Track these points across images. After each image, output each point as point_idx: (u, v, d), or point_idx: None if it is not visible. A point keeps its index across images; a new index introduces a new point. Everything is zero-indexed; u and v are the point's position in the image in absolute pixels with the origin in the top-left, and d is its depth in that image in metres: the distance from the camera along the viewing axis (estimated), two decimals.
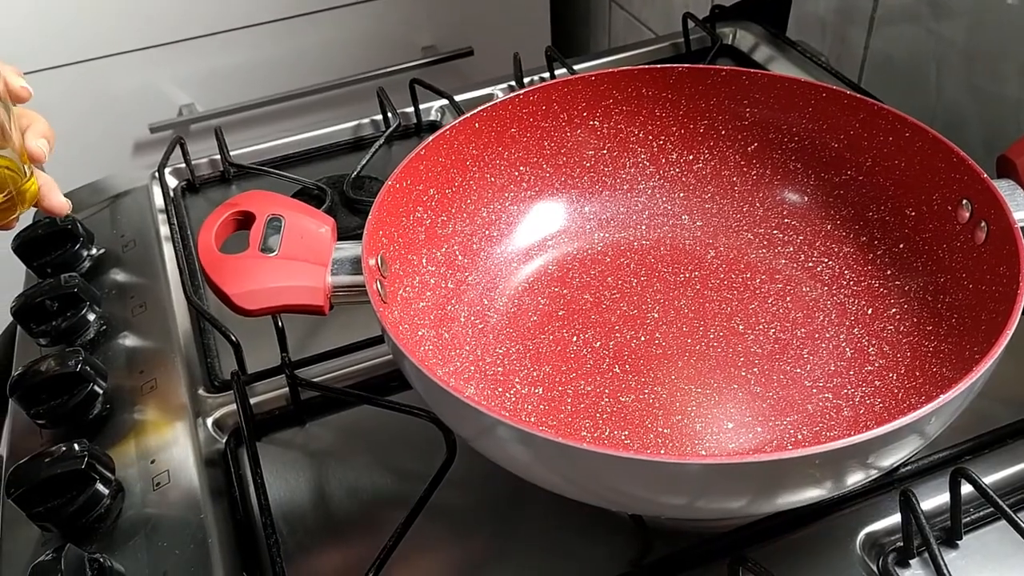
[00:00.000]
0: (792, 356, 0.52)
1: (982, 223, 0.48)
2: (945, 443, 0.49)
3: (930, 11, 0.75)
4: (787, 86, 0.57)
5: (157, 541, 0.48)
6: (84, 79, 1.17)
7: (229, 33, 1.18)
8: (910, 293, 0.52)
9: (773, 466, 0.36)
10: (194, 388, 0.57)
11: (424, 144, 0.54)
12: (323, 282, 0.46)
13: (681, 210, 0.60)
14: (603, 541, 0.47)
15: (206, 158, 0.77)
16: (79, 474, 0.49)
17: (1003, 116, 0.71)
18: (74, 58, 1.15)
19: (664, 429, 0.48)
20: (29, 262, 0.66)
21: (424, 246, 0.54)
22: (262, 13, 1.17)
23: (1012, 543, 0.44)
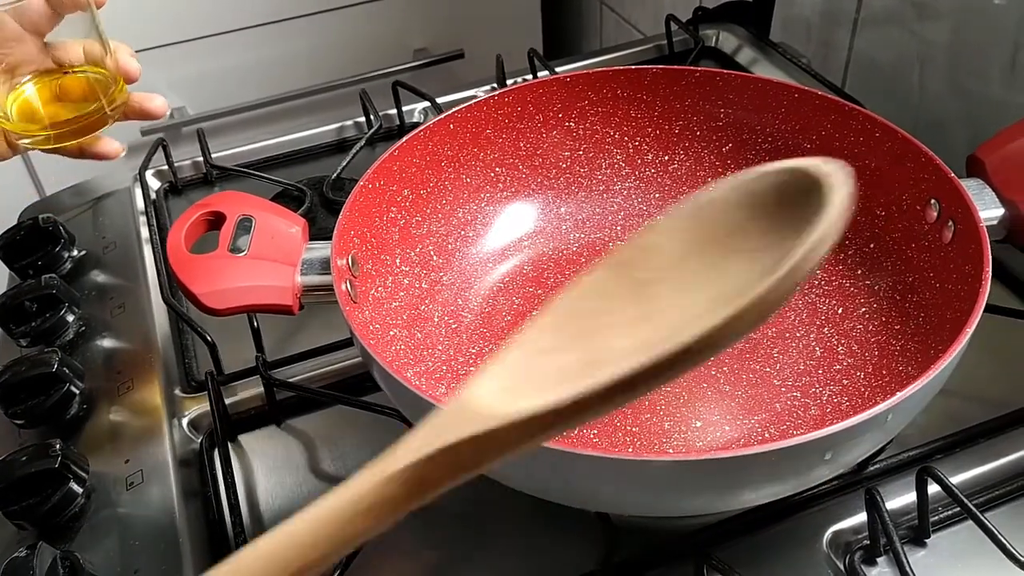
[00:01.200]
0: (762, 355, 0.52)
1: (949, 222, 0.48)
2: (915, 442, 0.49)
3: (914, 12, 0.76)
4: (760, 87, 0.57)
5: (129, 540, 0.49)
6: None
7: (221, 36, 1.19)
8: (879, 292, 0.52)
9: (735, 462, 0.36)
10: (170, 389, 0.57)
11: (398, 144, 0.54)
12: (292, 282, 0.47)
13: (657, 211, 0.61)
14: (570, 540, 0.47)
15: (189, 160, 0.77)
16: (53, 473, 0.49)
17: (986, 116, 0.71)
18: None
19: (632, 427, 0.48)
20: (10, 264, 0.67)
21: (398, 246, 0.55)
22: (255, 16, 1.18)
23: (980, 542, 0.44)
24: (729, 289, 0.26)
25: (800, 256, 0.24)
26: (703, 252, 0.28)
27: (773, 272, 0.24)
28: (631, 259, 0.29)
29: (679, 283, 0.28)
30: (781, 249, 0.25)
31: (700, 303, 0.26)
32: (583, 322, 0.28)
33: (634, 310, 0.28)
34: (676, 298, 0.27)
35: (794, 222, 0.26)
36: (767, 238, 0.27)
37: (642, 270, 0.29)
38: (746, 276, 0.26)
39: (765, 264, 0.26)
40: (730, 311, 0.24)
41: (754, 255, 0.27)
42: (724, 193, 0.28)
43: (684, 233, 0.28)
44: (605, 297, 0.28)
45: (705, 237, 0.28)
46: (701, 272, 0.28)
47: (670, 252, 0.28)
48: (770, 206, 0.27)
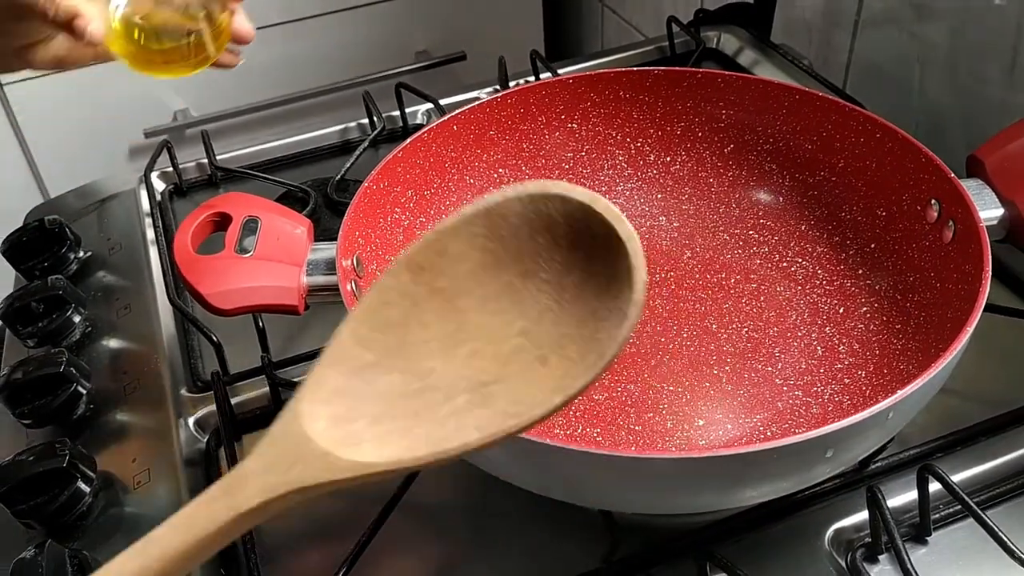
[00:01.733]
0: (764, 354, 0.52)
1: (950, 222, 0.48)
2: (916, 440, 0.50)
3: (914, 14, 0.76)
4: (761, 88, 0.58)
5: (137, 538, 0.49)
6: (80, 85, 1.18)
7: None
8: (880, 292, 0.53)
9: (737, 460, 0.36)
10: (176, 389, 0.57)
11: (402, 146, 0.55)
12: (297, 282, 0.47)
13: (658, 211, 0.61)
14: (573, 538, 0.47)
15: (193, 162, 0.78)
16: (61, 472, 0.50)
17: (986, 117, 0.71)
18: None
19: (635, 426, 0.49)
20: (17, 265, 0.67)
21: (402, 247, 0.55)
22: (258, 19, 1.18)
23: (981, 540, 0.44)
24: (530, 322, 0.29)
25: (611, 355, 0.27)
26: (502, 267, 0.30)
27: (589, 366, 0.27)
28: (428, 263, 0.30)
29: (483, 299, 0.29)
30: (568, 289, 0.29)
31: (510, 334, 0.29)
32: (397, 333, 0.29)
33: (445, 325, 0.29)
34: (485, 319, 0.29)
35: (588, 267, 0.29)
36: (560, 274, 0.29)
37: (441, 278, 0.30)
38: (543, 306, 0.29)
39: (555, 298, 0.29)
40: (560, 399, 0.27)
41: (549, 286, 0.29)
42: (518, 208, 0.29)
43: (480, 241, 0.30)
44: (412, 305, 0.29)
45: (504, 251, 0.30)
46: (503, 294, 0.29)
47: (468, 261, 0.30)
48: (562, 239, 0.29)
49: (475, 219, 0.29)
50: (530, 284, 0.29)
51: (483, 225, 0.29)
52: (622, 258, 0.27)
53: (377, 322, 0.29)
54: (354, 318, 0.29)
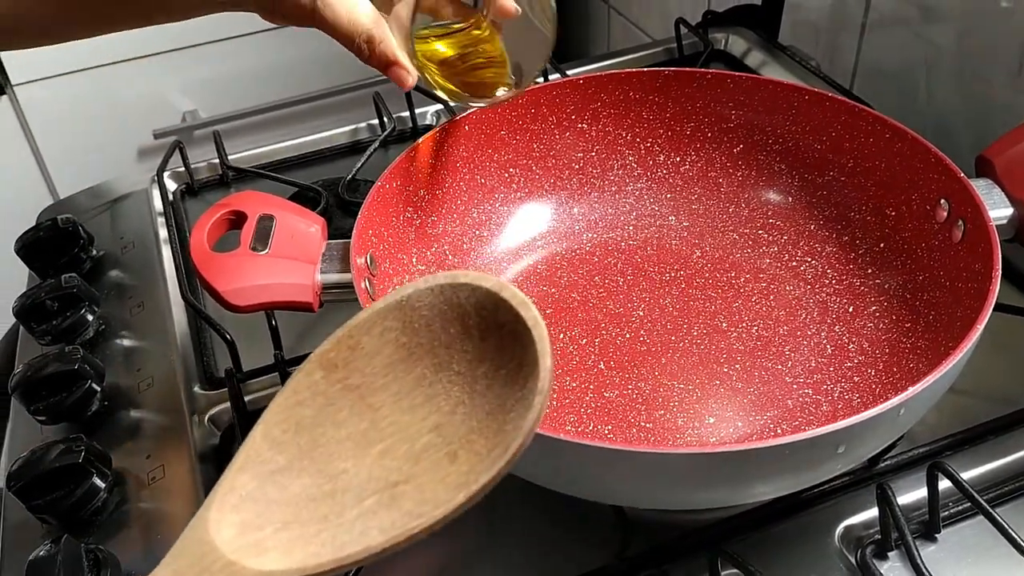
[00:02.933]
0: (774, 353, 0.52)
1: (959, 222, 0.49)
2: (926, 438, 0.50)
3: (921, 16, 0.76)
4: (771, 89, 0.58)
5: (152, 534, 0.50)
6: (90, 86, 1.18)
7: (232, 40, 1.20)
8: (890, 291, 0.53)
9: (749, 455, 0.37)
10: (190, 386, 0.58)
11: (414, 146, 0.55)
12: (312, 280, 0.48)
13: (668, 211, 0.61)
14: (585, 534, 0.47)
15: (205, 162, 0.78)
16: (77, 468, 0.50)
17: (992, 119, 0.72)
18: (80, 65, 1.17)
19: (647, 424, 0.49)
20: (31, 263, 0.68)
21: (414, 245, 0.55)
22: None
23: (990, 537, 0.44)
24: (442, 416, 0.29)
25: (516, 447, 0.27)
26: (415, 361, 0.30)
27: (495, 460, 0.27)
28: (342, 360, 0.30)
29: (397, 395, 0.29)
30: (479, 381, 0.29)
31: (423, 430, 0.29)
32: (309, 434, 0.29)
33: (359, 423, 0.29)
34: (398, 416, 0.29)
35: (498, 356, 0.29)
36: (472, 366, 0.29)
37: (355, 375, 0.30)
38: (456, 400, 0.29)
39: (467, 391, 0.29)
40: (464, 496, 0.27)
41: (461, 378, 0.29)
42: (430, 299, 0.29)
43: (393, 335, 0.30)
44: (326, 404, 0.29)
45: (417, 344, 0.30)
46: (417, 388, 0.29)
47: (382, 355, 0.30)
48: (473, 329, 0.29)
49: (388, 313, 0.30)
50: (443, 376, 0.29)
51: (396, 319, 0.30)
52: (529, 345, 0.27)
53: (290, 423, 0.29)
54: (267, 420, 0.29)
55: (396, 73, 0.47)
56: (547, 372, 0.27)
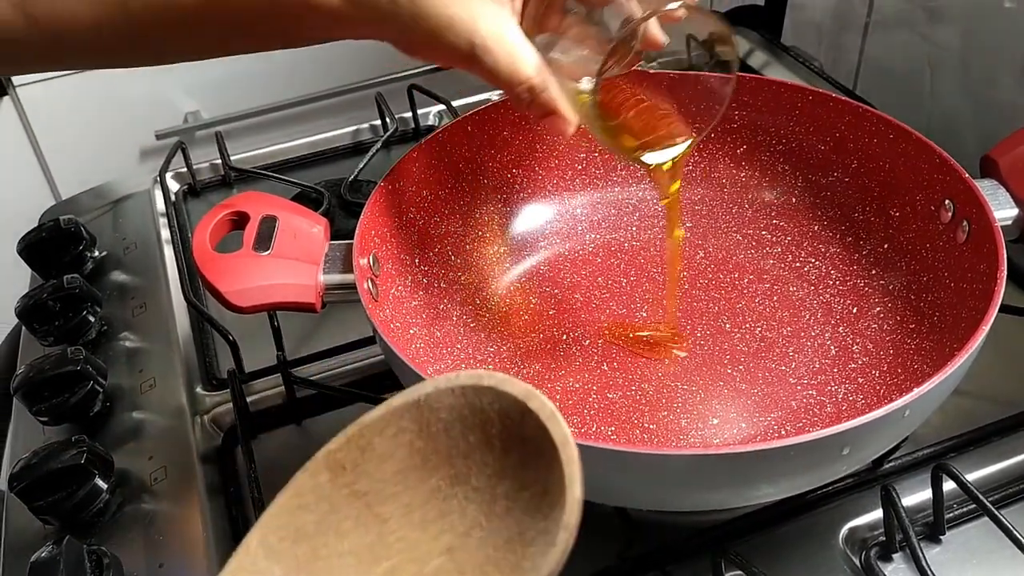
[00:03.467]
0: (777, 354, 0.52)
1: (964, 222, 0.48)
2: (930, 440, 0.50)
3: (924, 16, 0.76)
4: (774, 89, 0.58)
5: (154, 534, 0.50)
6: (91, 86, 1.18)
7: None
8: (894, 292, 0.53)
9: (754, 457, 0.36)
10: (192, 386, 0.58)
11: (417, 146, 0.55)
12: (315, 280, 0.47)
13: None
14: (588, 534, 0.47)
15: (207, 163, 0.78)
16: (79, 469, 0.50)
17: (997, 119, 0.71)
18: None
19: (650, 425, 0.49)
20: (33, 264, 0.68)
21: (417, 246, 0.55)
22: None
23: (995, 539, 0.44)
24: (456, 537, 0.26)
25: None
26: (431, 469, 0.27)
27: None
28: (351, 462, 0.27)
29: (408, 507, 0.27)
30: (499, 501, 0.26)
31: (434, 551, 0.26)
32: (310, 544, 0.27)
33: (364, 536, 0.26)
34: (408, 532, 0.26)
35: (520, 474, 0.26)
36: (491, 482, 0.26)
37: (363, 479, 0.27)
38: (472, 521, 0.26)
39: (485, 511, 0.26)
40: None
41: (479, 495, 0.26)
42: (449, 401, 0.27)
43: (408, 438, 0.27)
44: (330, 511, 0.27)
45: (433, 451, 0.27)
46: (430, 501, 0.27)
47: (394, 460, 0.27)
48: (495, 439, 0.26)
49: (403, 411, 0.27)
50: (459, 491, 0.26)
51: (412, 419, 0.27)
52: (556, 467, 0.24)
53: (289, 529, 0.26)
54: (264, 524, 0.26)
55: (555, 124, 0.43)
56: (575, 504, 0.24)
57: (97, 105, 1.20)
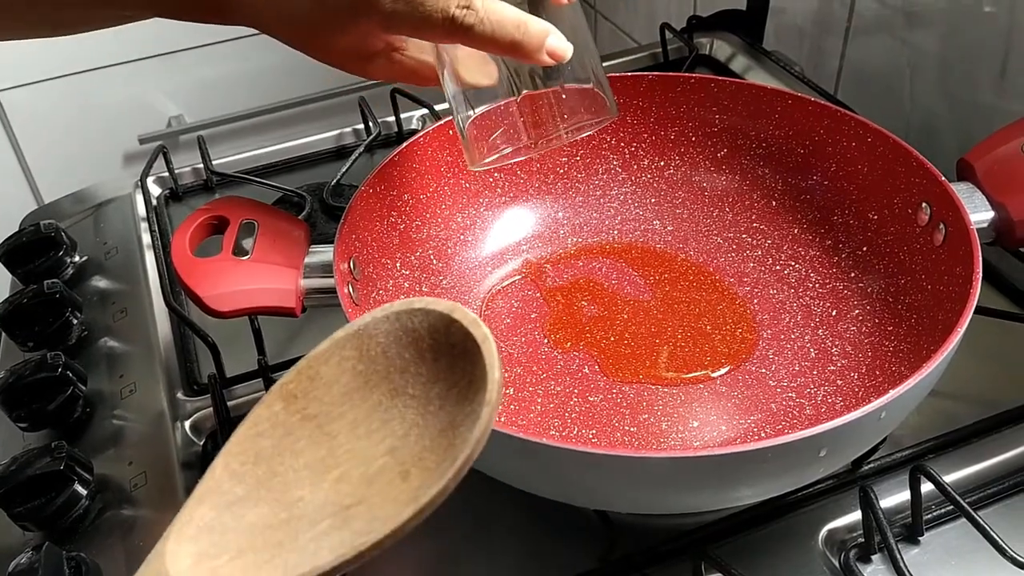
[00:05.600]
0: (757, 357, 0.53)
1: (940, 225, 0.49)
2: (908, 442, 0.50)
3: (904, 21, 0.77)
4: (754, 93, 0.58)
5: (135, 540, 0.49)
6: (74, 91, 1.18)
7: (217, 45, 1.20)
8: (872, 295, 0.53)
9: (732, 459, 0.37)
10: (173, 391, 0.58)
11: (398, 150, 0.55)
12: (295, 285, 0.47)
13: (652, 215, 0.62)
14: (570, 538, 0.47)
15: (189, 167, 0.78)
16: (58, 475, 0.50)
17: (976, 123, 0.72)
18: (64, 70, 1.16)
19: (631, 428, 0.49)
20: (13, 269, 0.67)
21: (398, 250, 0.55)
22: None
23: (972, 540, 0.45)
24: (397, 439, 0.29)
25: (463, 458, 0.27)
26: (372, 387, 0.30)
27: (443, 473, 0.27)
28: (301, 391, 0.30)
29: (353, 422, 0.30)
30: (432, 402, 0.29)
31: (377, 454, 0.29)
32: (268, 465, 0.30)
33: (316, 451, 0.30)
34: (354, 443, 0.30)
35: (450, 376, 0.29)
36: (425, 388, 0.30)
37: (314, 404, 0.30)
38: (410, 423, 0.29)
39: (421, 412, 0.29)
40: (412, 510, 0.27)
41: (416, 401, 0.30)
42: (385, 327, 0.30)
43: (350, 364, 0.30)
44: (285, 434, 0.30)
45: (373, 371, 0.30)
46: (373, 414, 0.30)
47: (339, 384, 0.30)
48: (427, 351, 0.30)
49: (345, 342, 0.30)
50: (398, 402, 0.30)
51: (354, 347, 0.30)
52: (479, 361, 0.28)
53: (249, 454, 0.30)
54: (227, 451, 0.30)
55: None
56: (495, 384, 0.27)
57: (80, 109, 1.19)
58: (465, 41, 0.40)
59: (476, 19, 0.39)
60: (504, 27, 0.40)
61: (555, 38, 0.41)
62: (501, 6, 0.40)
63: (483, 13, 0.39)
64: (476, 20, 0.39)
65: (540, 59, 0.41)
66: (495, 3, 0.40)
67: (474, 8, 0.39)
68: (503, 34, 0.40)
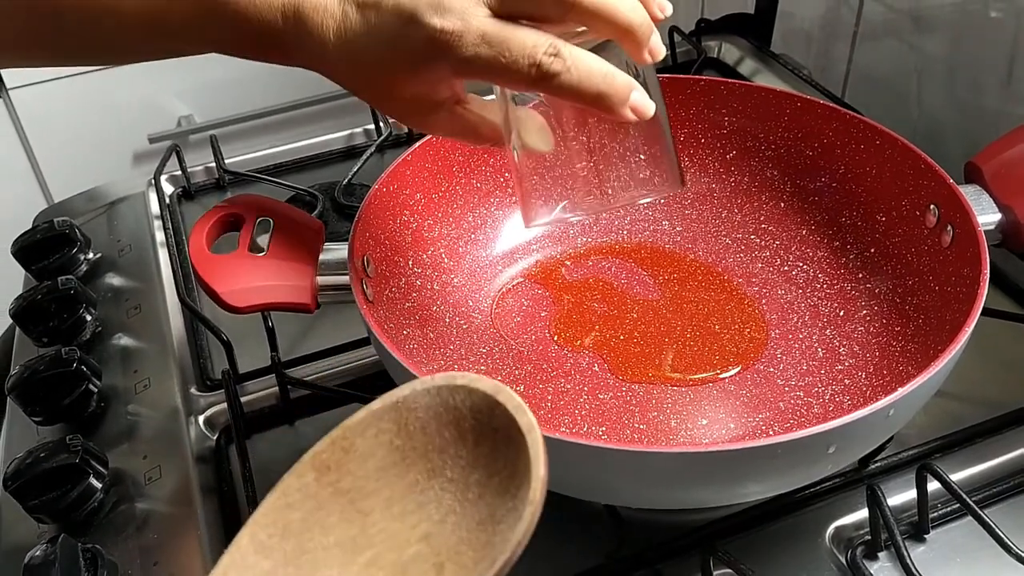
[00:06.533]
0: (765, 356, 0.53)
1: (948, 227, 0.49)
2: (915, 441, 0.51)
3: (912, 25, 0.77)
4: (763, 96, 0.59)
5: (148, 533, 0.50)
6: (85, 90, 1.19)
7: None
8: (880, 295, 0.54)
9: (741, 454, 0.37)
10: (186, 387, 0.58)
11: (411, 150, 0.56)
12: (310, 281, 0.48)
13: (662, 215, 0.62)
14: (578, 533, 0.48)
15: (202, 166, 0.79)
16: (73, 468, 0.50)
17: (982, 127, 0.73)
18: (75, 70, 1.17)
19: (640, 425, 0.50)
20: (28, 266, 0.68)
21: (410, 248, 0.56)
22: None
23: (978, 538, 0.45)
24: (432, 524, 0.28)
25: (503, 561, 0.26)
26: (409, 465, 0.29)
27: (482, 572, 0.26)
28: (335, 462, 0.29)
29: (388, 500, 0.29)
30: (472, 488, 0.28)
31: (412, 539, 0.28)
32: (297, 540, 0.28)
33: (348, 529, 0.28)
34: (388, 523, 0.28)
35: (491, 463, 0.28)
36: (465, 472, 0.28)
37: (347, 477, 0.29)
38: (447, 508, 0.28)
39: (459, 498, 0.28)
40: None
41: (454, 485, 0.28)
42: (426, 401, 0.29)
43: (387, 438, 0.29)
44: (316, 508, 0.29)
45: (411, 448, 0.29)
46: (409, 494, 0.29)
47: (375, 458, 0.29)
48: (468, 433, 0.28)
49: (383, 414, 0.29)
50: (435, 483, 0.29)
51: (391, 420, 0.29)
52: (523, 452, 0.27)
53: (278, 527, 0.28)
54: (255, 521, 0.28)
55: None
56: (539, 482, 0.26)
57: (89, 109, 1.20)
58: (548, 89, 0.38)
59: (563, 67, 0.37)
60: (592, 77, 0.38)
61: (639, 94, 0.39)
62: (588, 56, 0.38)
63: (571, 62, 0.38)
64: (563, 68, 0.37)
65: (623, 114, 0.39)
66: (582, 52, 0.38)
67: (562, 56, 0.37)
68: (590, 84, 0.38)
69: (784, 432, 0.48)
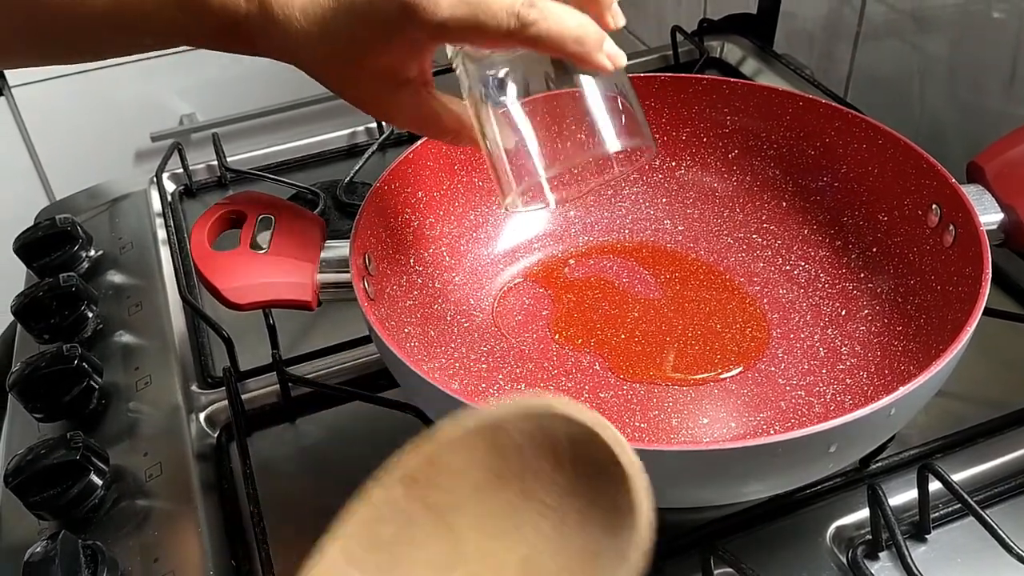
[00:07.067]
0: (767, 355, 0.53)
1: (950, 227, 0.49)
2: (916, 441, 0.51)
3: (914, 26, 0.77)
4: (766, 95, 0.59)
5: (149, 530, 0.50)
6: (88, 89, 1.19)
7: None
8: (881, 295, 0.54)
9: (743, 453, 0.37)
10: (187, 384, 0.58)
11: (413, 148, 0.56)
12: (311, 279, 0.48)
13: (664, 215, 0.62)
14: None
15: (203, 164, 0.79)
16: (74, 465, 0.50)
17: (984, 127, 0.72)
18: (78, 68, 1.17)
19: (641, 424, 0.50)
20: (29, 263, 0.68)
21: (412, 246, 0.56)
22: None
23: (979, 538, 0.45)
24: (530, 548, 0.27)
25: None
26: (503, 485, 0.28)
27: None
28: (423, 476, 0.28)
29: (480, 518, 0.28)
30: (571, 516, 0.27)
31: (509, 561, 0.27)
32: (390, 552, 0.28)
33: (438, 545, 0.28)
34: (481, 542, 0.28)
35: (591, 494, 0.28)
36: (562, 499, 0.28)
37: (436, 492, 0.28)
38: (544, 535, 0.28)
39: (557, 525, 0.27)
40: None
41: (552, 511, 0.28)
42: (521, 424, 0.28)
43: (479, 455, 0.28)
44: (407, 523, 0.28)
45: (506, 468, 0.28)
46: (502, 514, 0.28)
47: (468, 476, 0.28)
48: (567, 462, 0.28)
49: (476, 432, 0.28)
50: (531, 506, 0.28)
51: (484, 439, 0.28)
52: (623, 489, 0.26)
53: (370, 540, 0.28)
54: (345, 534, 0.28)
55: None
56: (646, 525, 0.26)
57: (92, 107, 1.20)
58: (527, 39, 0.38)
59: (540, 15, 0.37)
60: (567, 23, 0.38)
61: (611, 43, 0.39)
62: (561, 6, 0.38)
63: (547, 11, 0.38)
64: (540, 16, 0.37)
65: (599, 60, 0.39)
66: (555, 4, 0.38)
67: (538, 7, 0.38)
68: (568, 31, 0.38)
69: (785, 430, 0.48)
